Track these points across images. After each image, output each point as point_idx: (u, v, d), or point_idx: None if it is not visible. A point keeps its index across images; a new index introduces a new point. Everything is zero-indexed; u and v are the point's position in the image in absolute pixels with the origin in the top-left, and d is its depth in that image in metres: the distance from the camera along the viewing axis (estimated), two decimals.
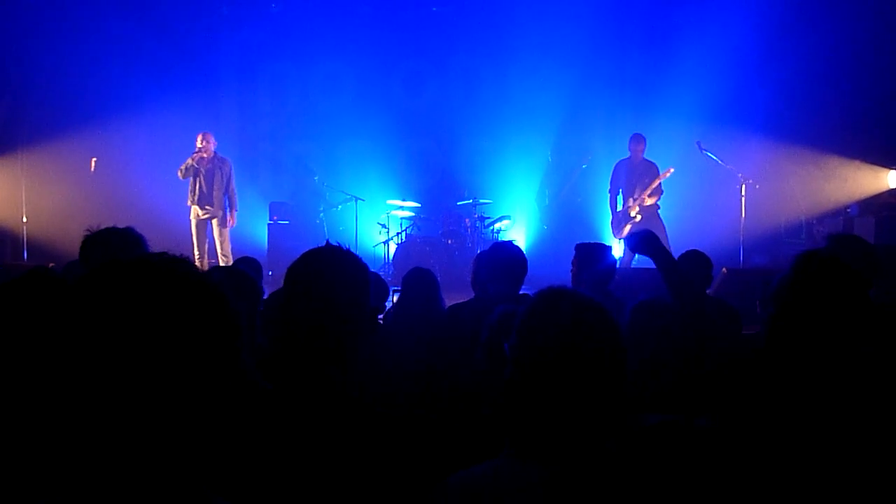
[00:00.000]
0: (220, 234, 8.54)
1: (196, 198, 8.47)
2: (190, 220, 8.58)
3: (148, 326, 0.93)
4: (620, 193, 8.55)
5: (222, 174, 8.49)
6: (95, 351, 0.92)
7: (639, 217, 8.34)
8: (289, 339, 1.64)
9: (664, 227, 8.20)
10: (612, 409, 1.37)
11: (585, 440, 1.34)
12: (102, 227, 2.97)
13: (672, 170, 8.29)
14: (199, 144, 8.43)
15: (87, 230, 2.92)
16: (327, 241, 1.75)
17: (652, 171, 8.42)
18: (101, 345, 0.92)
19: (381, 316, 3.83)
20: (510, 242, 3.73)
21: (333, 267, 1.68)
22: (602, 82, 10.73)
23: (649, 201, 8.33)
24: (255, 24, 11.08)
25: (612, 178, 8.65)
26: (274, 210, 10.22)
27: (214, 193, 8.46)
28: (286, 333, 1.64)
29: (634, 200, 8.38)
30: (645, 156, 8.56)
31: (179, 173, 8.48)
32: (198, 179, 8.44)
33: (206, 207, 8.48)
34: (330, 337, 1.62)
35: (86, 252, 2.87)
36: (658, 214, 8.38)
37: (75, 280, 0.99)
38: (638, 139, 8.54)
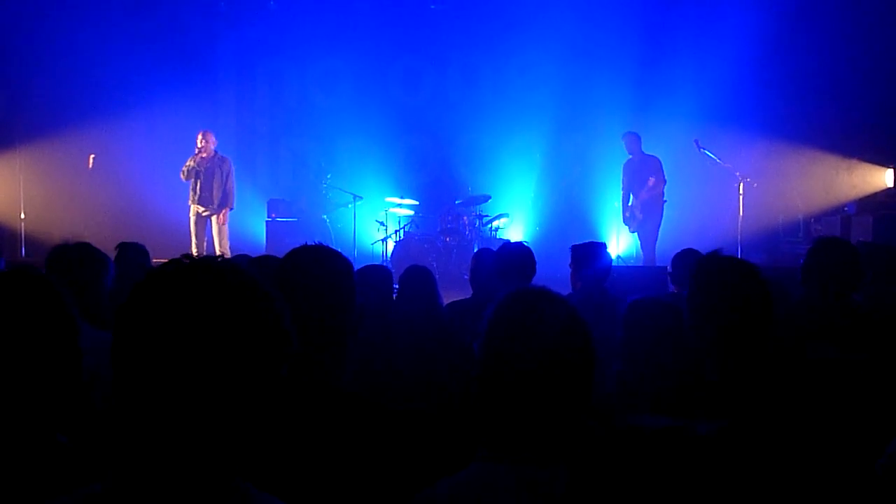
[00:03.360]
0: (220, 232, 8.57)
1: (196, 197, 8.51)
2: (189, 217, 8.60)
3: (213, 328, 0.96)
4: (631, 192, 8.73)
5: (222, 172, 8.52)
6: (161, 350, 0.95)
7: (641, 215, 8.50)
8: None
9: (660, 216, 8.43)
10: (581, 408, 1.36)
11: (557, 440, 1.34)
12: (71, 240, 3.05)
13: (653, 180, 8.44)
14: (198, 144, 8.46)
15: (62, 241, 2.99)
16: (304, 242, 1.75)
17: (648, 164, 8.54)
18: (166, 345, 0.95)
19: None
20: (520, 243, 3.78)
21: (316, 266, 1.69)
22: (600, 80, 10.72)
23: (643, 196, 8.50)
24: (254, 21, 11.06)
25: (622, 179, 8.84)
26: (272, 207, 10.22)
27: (214, 193, 8.48)
28: None
29: (636, 198, 8.54)
30: (645, 152, 8.65)
31: (182, 175, 8.52)
32: (198, 179, 8.48)
33: (207, 206, 8.51)
34: (315, 335, 1.63)
35: (51, 265, 2.93)
36: (657, 211, 8.49)
37: (146, 277, 1.02)
38: (625, 137, 8.70)
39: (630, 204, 8.68)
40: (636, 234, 8.75)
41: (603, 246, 3.97)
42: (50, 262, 2.93)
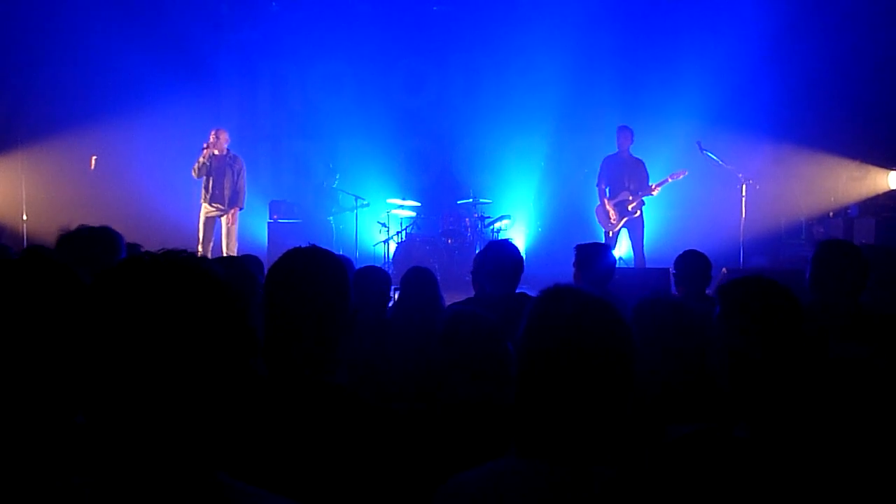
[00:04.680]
0: (228, 233, 8.58)
1: (208, 195, 8.52)
2: (199, 216, 8.61)
3: (167, 323, 0.96)
4: (608, 187, 8.56)
5: (233, 171, 8.54)
6: (117, 347, 0.95)
7: (638, 213, 8.38)
8: (270, 338, 1.65)
9: (643, 227, 8.40)
10: (623, 409, 1.35)
11: (597, 441, 1.33)
12: (76, 225, 2.97)
13: (686, 172, 8.32)
14: (210, 140, 8.48)
15: (61, 230, 2.92)
16: (297, 246, 1.76)
17: (640, 167, 8.42)
18: (122, 341, 0.95)
19: (389, 305, 3.83)
20: (505, 241, 3.73)
21: (311, 267, 1.70)
22: (602, 81, 10.74)
23: (654, 193, 8.36)
24: (256, 23, 11.09)
25: (600, 173, 8.65)
26: (274, 209, 10.23)
27: (225, 191, 8.50)
28: (267, 333, 1.66)
29: (634, 196, 8.38)
30: (638, 151, 8.53)
31: (193, 172, 8.52)
32: (210, 177, 8.49)
33: (216, 205, 8.52)
34: (309, 335, 1.64)
35: (61, 251, 2.87)
36: (642, 213, 8.45)
37: (94, 278, 1.01)
38: (624, 131, 8.49)
39: (612, 201, 8.49)
40: (611, 233, 8.49)
41: (607, 247, 3.97)
42: (61, 247, 2.87)
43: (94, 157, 9.42)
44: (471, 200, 10.00)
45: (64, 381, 1.31)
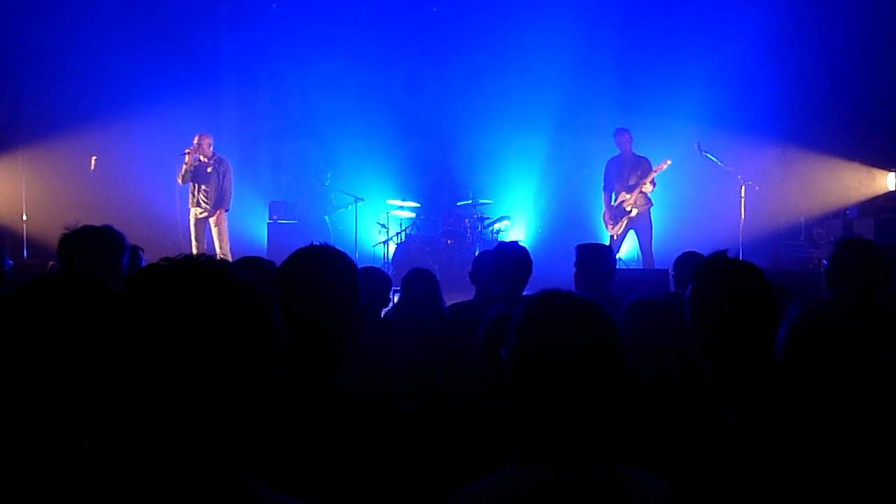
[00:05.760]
0: (219, 234, 8.59)
1: (194, 199, 8.57)
2: (189, 220, 8.63)
3: (197, 329, 0.95)
4: (614, 190, 8.63)
5: (218, 174, 8.56)
6: (149, 356, 0.94)
7: (635, 211, 8.39)
8: None
9: (651, 228, 8.41)
10: (613, 410, 1.36)
11: (593, 442, 1.34)
12: (80, 224, 2.96)
13: (669, 161, 8.33)
14: (193, 146, 8.50)
15: (66, 228, 2.91)
16: (311, 242, 1.75)
17: (644, 165, 8.49)
18: (154, 350, 0.94)
19: (386, 309, 3.83)
20: (515, 243, 3.73)
21: (320, 267, 1.69)
22: (602, 82, 10.75)
23: (648, 188, 8.35)
24: (256, 24, 11.09)
25: (604, 176, 8.74)
26: (274, 209, 10.23)
27: (210, 194, 8.52)
28: None
29: (629, 195, 8.42)
30: (638, 151, 8.60)
31: (179, 179, 8.55)
32: (195, 181, 8.54)
33: (204, 207, 8.54)
34: (317, 335, 1.63)
35: (64, 249, 2.86)
36: (648, 214, 8.45)
37: (123, 284, 1.01)
38: (621, 133, 8.60)
39: (615, 203, 8.54)
40: (615, 236, 8.52)
41: (608, 248, 3.97)
42: (63, 247, 2.86)
43: (94, 158, 9.41)
44: (470, 201, 10.01)
45: (77, 403, 1.29)
